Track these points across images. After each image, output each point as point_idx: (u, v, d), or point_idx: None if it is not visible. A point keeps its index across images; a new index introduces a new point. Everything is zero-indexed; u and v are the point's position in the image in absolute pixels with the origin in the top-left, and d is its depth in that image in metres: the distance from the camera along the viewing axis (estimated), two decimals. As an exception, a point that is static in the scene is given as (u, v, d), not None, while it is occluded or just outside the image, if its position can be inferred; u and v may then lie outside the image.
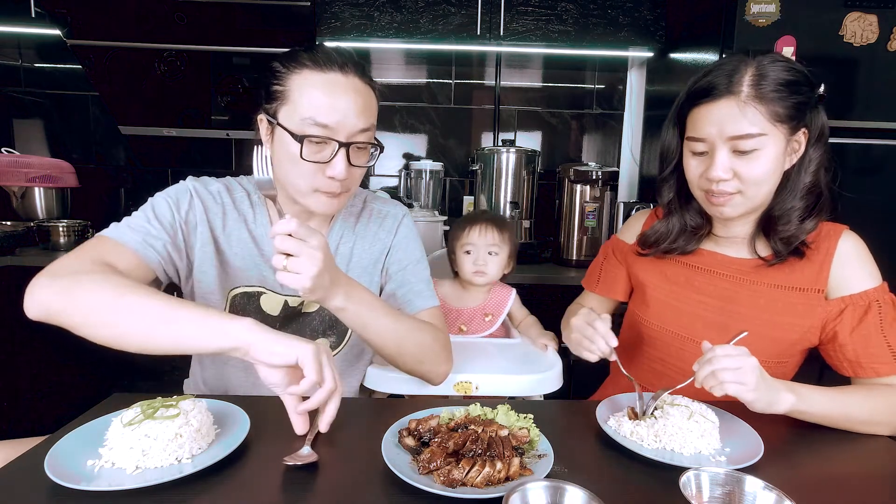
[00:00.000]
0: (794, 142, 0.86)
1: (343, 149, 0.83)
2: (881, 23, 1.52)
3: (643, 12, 1.96)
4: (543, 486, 0.54)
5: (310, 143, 0.82)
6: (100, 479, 0.58)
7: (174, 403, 0.66)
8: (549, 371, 1.04)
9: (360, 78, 0.85)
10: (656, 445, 0.70)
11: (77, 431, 0.68)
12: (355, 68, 0.85)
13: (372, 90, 0.88)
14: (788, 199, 0.88)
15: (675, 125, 0.94)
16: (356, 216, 1.02)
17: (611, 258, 1.14)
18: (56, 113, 2.33)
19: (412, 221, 1.06)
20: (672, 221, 0.99)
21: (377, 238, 1.01)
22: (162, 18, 1.84)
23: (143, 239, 0.83)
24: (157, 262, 0.84)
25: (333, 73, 0.82)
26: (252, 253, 0.94)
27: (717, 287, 0.96)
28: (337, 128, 0.82)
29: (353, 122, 0.83)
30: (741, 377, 0.71)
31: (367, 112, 0.86)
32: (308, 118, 0.81)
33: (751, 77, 0.82)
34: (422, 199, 2.20)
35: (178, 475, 0.59)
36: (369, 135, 0.87)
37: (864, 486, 0.66)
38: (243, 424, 0.70)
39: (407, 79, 2.36)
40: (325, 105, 0.81)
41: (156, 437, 0.62)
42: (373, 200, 1.05)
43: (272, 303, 0.95)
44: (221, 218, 0.93)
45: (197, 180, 0.95)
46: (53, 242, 1.89)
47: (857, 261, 0.88)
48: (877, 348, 0.84)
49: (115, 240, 0.82)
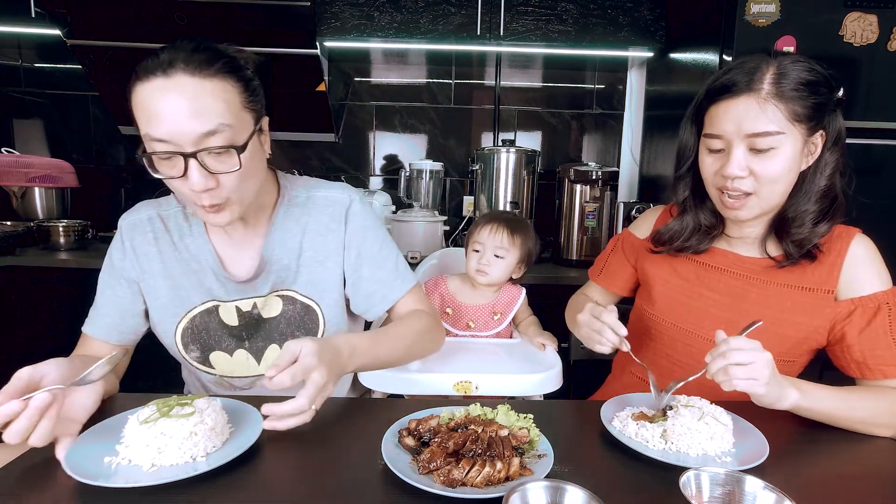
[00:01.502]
0: (811, 143, 0.85)
1: (191, 159, 0.74)
2: (881, 23, 1.52)
3: (643, 12, 1.96)
4: (543, 486, 0.54)
5: (160, 160, 0.75)
6: (117, 476, 0.59)
7: (189, 402, 0.67)
8: (549, 371, 1.04)
9: (193, 74, 0.73)
10: (663, 446, 0.70)
11: (95, 428, 0.69)
12: (186, 65, 0.73)
13: (221, 83, 0.75)
14: (803, 202, 0.87)
15: (692, 123, 0.94)
16: (300, 207, 0.95)
17: (618, 251, 1.14)
18: (56, 113, 2.33)
19: (364, 205, 0.98)
20: (686, 220, 0.99)
21: (328, 229, 0.95)
22: (162, 18, 1.84)
23: (102, 324, 0.91)
24: (123, 337, 0.92)
25: (156, 79, 0.73)
26: (193, 269, 0.92)
27: (728, 285, 0.96)
28: (174, 139, 0.73)
29: (188, 128, 0.73)
30: (753, 372, 0.70)
31: (207, 112, 0.74)
32: (146, 134, 0.74)
33: (772, 75, 0.82)
34: (422, 199, 2.20)
35: (192, 473, 0.59)
36: (225, 136, 0.75)
37: (867, 488, 0.66)
38: (257, 424, 0.70)
39: (407, 79, 2.36)
40: (151, 116, 0.73)
41: (171, 435, 0.62)
42: (316, 187, 0.98)
43: (227, 313, 0.93)
44: (155, 246, 0.92)
45: (125, 217, 0.94)
46: (53, 242, 1.89)
47: (869, 263, 0.88)
48: (884, 350, 0.84)
49: (85, 334, 0.92)
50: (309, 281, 0.95)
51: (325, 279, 0.96)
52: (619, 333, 0.84)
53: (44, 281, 1.78)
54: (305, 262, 0.95)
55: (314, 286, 0.95)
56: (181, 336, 0.93)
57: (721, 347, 0.72)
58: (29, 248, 1.91)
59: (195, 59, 0.74)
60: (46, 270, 1.78)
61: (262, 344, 0.95)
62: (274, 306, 0.94)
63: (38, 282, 1.78)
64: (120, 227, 0.93)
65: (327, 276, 0.96)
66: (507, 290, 1.34)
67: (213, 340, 0.94)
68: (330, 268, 0.96)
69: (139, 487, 0.57)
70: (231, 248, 0.93)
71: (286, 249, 0.94)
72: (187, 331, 0.93)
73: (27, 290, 1.78)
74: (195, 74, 0.74)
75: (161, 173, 0.77)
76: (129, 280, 0.92)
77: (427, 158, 2.37)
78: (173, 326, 0.92)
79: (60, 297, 1.78)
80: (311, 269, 0.95)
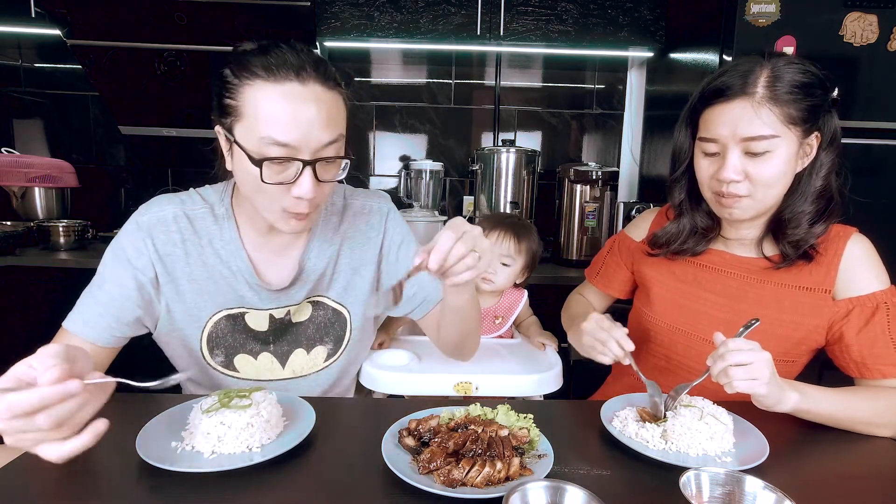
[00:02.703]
0: (807, 145, 0.85)
1: (309, 167, 0.74)
2: (881, 23, 1.52)
3: (643, 12, 1.96)
4: (543, 486, 0.54)
5: (271, 165, 0.73)
6: (181, 461, 0.63)
7: (247, 394, 0.70)
8: (549, 371, 1.04)
9: (323, 84, 0.75)
10: (663, 446, 0.70)
11: (165, 414, 0.73)
12: (316, 72, 0.74)
13: (338, 94, 0.78)
14: (799, 203, 0.87)
15: (687, 126, 0.94)
16: (338, 214, 0.95)
17: (614, 253, 1.14)
18: (56, 113, 2.33)
19: (398, 212, 1.01)
20: (683, 222, 0.99)
21: (366, 237, 0.96)
22: (162, 18, 1.84)
23: (97, 324, 0.82)
24: (116, 341, 0.84)
25: (290, 84, 0.72)
26: (223, 274, 0.88)
27: (725, 285, 0.96)
28: (299, 146, 0.73)
29: (317, 137, 0.74)
30: (753, 373, 0.70)
31: (333, 122, 0.76)
32: (266, 137, 0.72)
33: (766, 78, 0.81)
34: (422, 199, 2.20)
35: (248, 462, 0.62)
36: (338, 146, 0.77)
37: (867, 488, 0.66)
38: (309, 419, 0.72)
39: (407, 79, 2.36)
40: (283, 121, 0.72)
41: (230, 424, 0.65)
42: (353, 196, 0.98)
43: (258, 319, 0.91)
44: (182, 247, 0.86)
45: (146, 212, 0.86)
46: (53, 242, 1.89)
47: (866, 263, 0.88)
48: (883, 349, 0.84)
49: (69, 332, 0.82)
50: (343, 288, 0.94)
51: (359, 287, 0.95)
52: (626, 349, 0.83)
53: (44, 281, 1.78)
54: (341, 270, 0.94)
55: (347, 293, 0.95)
56: (207, 341, 0.89)
57: (720, 350, 0.72)
58: (29, 248, 1.91)
59: (322, 69, 0.75)
60: (46, 270, 1.78)
61: (287, 348, 0.93)
62: (304, 311, 0.93)
63: (38, 282, 1.78)
64: (138, 223, 0.85)
65: (361, 283, 0.95)
66: (509, 293, 1.34)
67: (238, 344, 0.91)
68: (364, 275, 0.95)
69: (199, 473, 0.61)
70: (267, 255, 0.90)
71: (323, 258, 0.92)
72: (212, 336, 0.89)
73: (27, 290, 1.78)
74: (325, 84, 0.75)
75: (268, 178, 0.73)
76: (140, 280, 0.84)
77: (427, 158, 2.37)
78: (198, 331, 0.89)
79: (60, 297, 1.78)
80: (345, 276, 0.94)
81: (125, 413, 0.75)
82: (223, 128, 0.77)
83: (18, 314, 1.79)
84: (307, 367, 0.95)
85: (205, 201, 0.90)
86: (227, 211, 0.89)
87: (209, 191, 0.92)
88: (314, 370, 0.95)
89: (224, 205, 0.89)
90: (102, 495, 0.55)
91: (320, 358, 0.95)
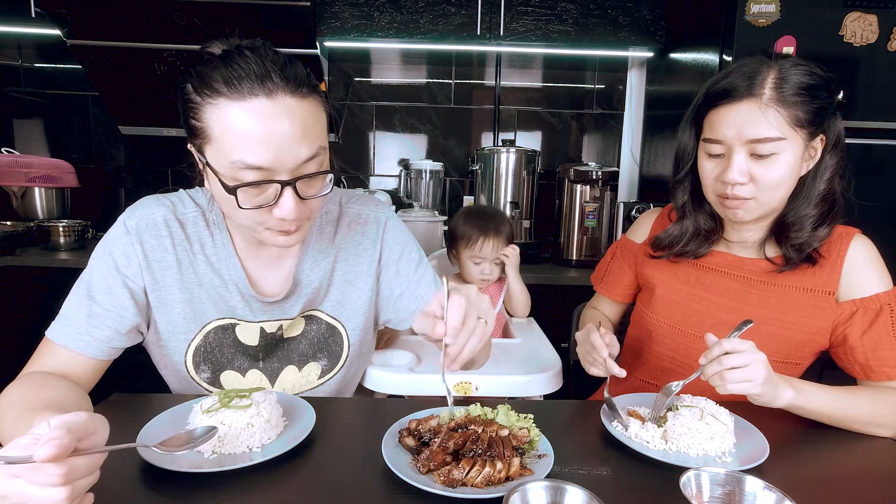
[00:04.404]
0: (812, 148, 0.85)
1: (289, 187, 0.67)
2: (881, 23, 1.52)
3: (643, 12, 1.96)
4: (543, 486, 0.54)
5: (247, 189, 0.67)
6: (182, 461, 0.62)
7: (247, 394, 0.70)
8: (549, 371, 1.04)
9: (293, 93, 0.66)
10: (663, 446, 0.70)
11: (165, 413, 0.72)
12: (285, 81, 0.66)
13: (314, 101, 0.70)
14: (802, 207, 0.87)
15: (691, 127, 0.93)
16: (333, 224, 0.89)
17: (617, 258, 1.14)
18: (56, 113, 2.33)
19: (398, 221, 0.94)
20: (685, 224, 0.98)
21: (362, 248, 0.90)
22: (162, 18, 1.84)
23: (91, 338, 0.76)
24: (113, 353, 0.79)
25: (256, 100, 0.64)
26: (213, 284, 0.83)
27: (728, 287, 0.95)
28: (275, 166, 0.66)
29: (294, 155, 0.66)
30: (748, 375, 0.70)
31: (311, 135, 0.68)
32: (237, 161, 0.65)
33: (773, 80, 0.81)
34: (422, 199, 2.21)
35: (248, 462, 0.62)
36: (319, 161, 0.70)
37: (867, 488, 0.66)
38: (309, 419, 0.72)
39: (407, 79, 2.36)
40: (254, 143, 0.64)
41: (230, 424, 0.65)
42: (350, 202, 0.91)
43: (248, 333, 0.86)
44: (172, 253, 0.81)
45: (134, 213, 0.81)
46: (53, 242, 1.89)
47: (869, 264, 0.88)
48: (887, 351, 0.84)
49: (53, 342, 0.76)
50: (337, 301, 0.90)
51: (354, 299, 0.90)
52: (601, 355, 0.83)
53: (44, 281, 1.78)
54: (336, 282, 0.89)
55: (342, 307, 0.90)
56: (192, 355, 0.84)
57: (715, 351, 0.72)
58: (29, 248, 1.91)
59: (291, 75, 0.67)
60: (46, 270, 1.78)
61: (277, 365, 0.89)
62: (296, 325, 0.88)
63: (38, 282, 1.78)
64: (126, 226, 0.80)
65: (356, 296, 0.90)
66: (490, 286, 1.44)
67: (225, 359, 0.86)
68: (360, 288, 0.90)
69: (200, 473, 0.61)
70: (261, 266, 0.85)
71: (318, 270, 0.87)
72: (199, 349, 0.84)
73: (27, 290, 1.78)
74: (296, 94, 0.67)
75: (244, 204, 0.67)
76: (131, 288, 0.79)
77: (427, 158, 2.37)
78: (185, 344, 0.83)
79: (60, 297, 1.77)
80: (340, 289, 0.89)
81: (125, 413, 0.75)
82: (194, 148, 0.71)
83: (18, 314, 1.80)
84: (298, 385, 0.90)
85: (196, 204, 0.84)
86: (219, 216, 0.84)
87: (199, 193, 0.86)
88: (307, 388, 0.91)
89: (215, 209, 0.84)
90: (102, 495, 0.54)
91: (314, 375, 0.91)
